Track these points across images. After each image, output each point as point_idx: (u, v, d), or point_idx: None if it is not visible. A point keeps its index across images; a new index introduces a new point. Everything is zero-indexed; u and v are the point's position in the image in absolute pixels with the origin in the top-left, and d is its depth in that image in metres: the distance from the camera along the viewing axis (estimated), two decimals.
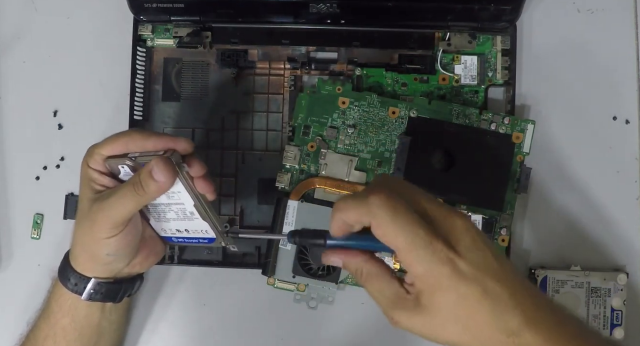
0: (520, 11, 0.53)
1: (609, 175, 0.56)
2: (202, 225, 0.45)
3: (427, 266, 0.35)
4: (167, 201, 0.45)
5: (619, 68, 0.57)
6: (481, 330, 0.36)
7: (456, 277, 0.35)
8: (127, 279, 0.49)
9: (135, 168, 0.44)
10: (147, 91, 0.56)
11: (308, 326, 0.55)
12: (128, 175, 0.45)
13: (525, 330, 0.35)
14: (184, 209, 0.45)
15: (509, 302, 0.35)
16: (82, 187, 0.46)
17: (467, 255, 0.36)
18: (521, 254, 0.55)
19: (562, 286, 0.54)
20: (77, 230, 0.46)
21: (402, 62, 0.55)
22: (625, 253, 0.55)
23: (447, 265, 0.35)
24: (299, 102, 0.54)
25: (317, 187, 0.53)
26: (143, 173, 0.42)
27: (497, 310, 0.35)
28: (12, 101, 0.58)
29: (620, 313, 0.54)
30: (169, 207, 0.45)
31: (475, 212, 0.52)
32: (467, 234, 0.36)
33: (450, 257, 0.35)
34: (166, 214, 0.46)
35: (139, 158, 0.44)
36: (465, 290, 0.35)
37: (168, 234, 0.48)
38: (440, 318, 0.36)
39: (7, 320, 0.56)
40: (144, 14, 0.55)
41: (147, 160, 0.43)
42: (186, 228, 0.47)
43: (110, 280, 0.47)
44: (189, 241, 0.48)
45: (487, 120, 0.53)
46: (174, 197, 0.44)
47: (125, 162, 0.44)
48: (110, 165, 0.45)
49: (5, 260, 0.56)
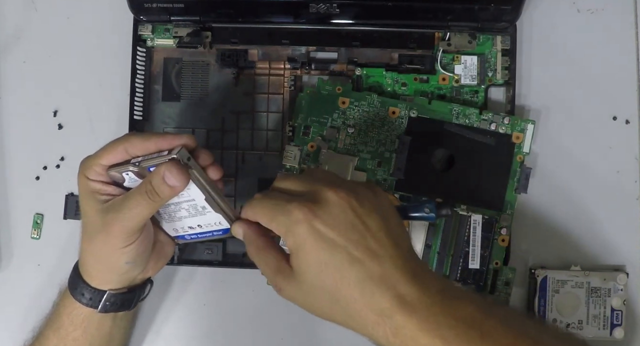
0: (520, 11, 0.53)
1: (609, 175, 0.56)
2: (215, 217, 0.45)
3: (287, 229, 0.37)
4: (177, 200, 0.44)
5: (619, 68, 0.57)
6: (351, 305, 0.36)
7: (315, 238, 0.36)
8: (139, 286, 0.49)
9: (141, 173, 0.43)
10: (147, 91, 0.56)
11: (308, 326, 0.55)
12: (134, 180, 0.44)
13: (399, 314, 0.34)
14: (195, 205, 0.44)
15: (380, 279, 0.35)
16: (85, 200, 0.45)
17: (327, 218, 0.36)
18: (521, 254, 0.55)
19: (562, 286, 0.54)
20: (89, 244, 0.45)
21: (402, 62, 0.55)
22: (625, 253, 0.55)
23: (304, 224, 0.36)
24: (299, 102, 0.54)
25: None
26: (155, 180, 0.42)
27: (366, 286, 0.35)
28: (12, 101, 0.58)
29: (620, 313, 0.54)
30: (179, 206, 0.45)
31: (475, 212, 0.52)
32: (337, 204, 0.37)
33: (306, 219, 0.36)
34: (177, 213, 0.46)
35: (144, 163, 0.43)
36: (327, 255, 0.36)
37: (180, 233, 0.48)
38: (308, 284, 0.37)
39: (7, 320, 0.56)
40: (144, 14, 0.55)
41: (153, 163, 0.42)
42: (199, 223, 0.46)
43: (124, 290, 0.47)
44: (203, 235, 0.47)
45: (487, 120, 0.53)
46: (184, 195, 0.44)
47: (129, 169, 0.43)
48: (112, 174, 0.44)
49: (5, 260, 0.56)
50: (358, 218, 0.37)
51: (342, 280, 0.36)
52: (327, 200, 0.37)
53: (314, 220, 0.36)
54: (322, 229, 0.36)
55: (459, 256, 0.52)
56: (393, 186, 0.53)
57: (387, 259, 0.36)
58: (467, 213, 0.52)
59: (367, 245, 0.36)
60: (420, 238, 0.52)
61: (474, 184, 0.53)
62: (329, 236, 0.36)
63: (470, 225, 0.52)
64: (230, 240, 0.55)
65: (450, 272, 0.52)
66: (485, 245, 0.52)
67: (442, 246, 0.52)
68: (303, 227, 0.36)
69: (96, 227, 0.44)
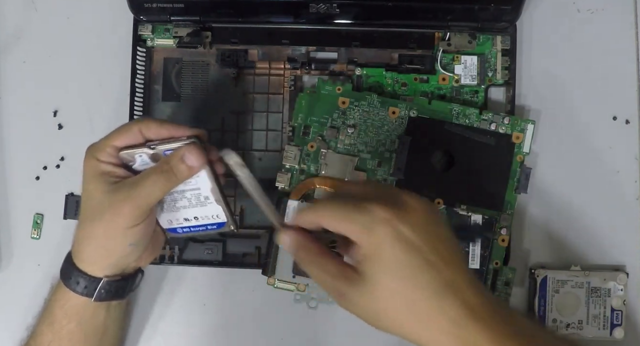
0: (520, 11, 0.53)
1: (609, 175, 0.56)
2: (215, 210, 0.46)
3: (365, 227, 0.36)
4: (183, 187, 0.46)
5: (619, 68, 0.57)
6: (424, 311, 0.35)
7: (395, 237, 0.35)
8: (132, 274, 0.49)
9: (155, 155, 0.45)
10: (147, 91, 0.56)
11: (308, 326, 0.55)
12: (145, 163, 0.45)
13: (470, 324, 0.35)
14: (198, 194, 0.46)
15: (452, 287, 0.35)
16: (92, 183, 0.45)
17: (408, 220, 0.36)
18: (521, 254, 0.55)
19: (562, 286, 0.54)
20: (91, 227, 0.45)
21: (402, 62, 0.55)
22: (625, 253, 0.55)
23: (386, 224, 0.35)
24: (299, 102, 0.54)
25: (317, 187, 0.53)
26: (174, 160, 0.43)
27: (439, 291, 0.35)
28: (12, 101, 0.58)
29: (620, 313, 0.54)
30: (183, 194, 0.46)
31: (475, 212, 0.52)
32: (418, 209, 0.36)
33: (389, 218, 0.35)
34: (177, 203, 0.47)
35: (160, 146, 0.44)
36: (406, 256, 0.35)
37: (173, 225, 0.48)
38: (382, 287, 0.36)
39: (7, 320, 0.56)
40: (144, 14, 0.55)
41: (170, 147, 0.44)
42: (196, 215, 0.47)
43: (118, 278, 0.47)
44: (196, 229, 0.48)
45: (487, 120, 0.53)
46: (191, 183, 0.45)
47: (145, 151, 0.45)
48: (123, 156, 0.45)
49: (5, 260, 0.56)
50: (434, 224, 0.37)
51: (417, 283, 0.35)
52: (408, 203, 0.37)
53: (396, 220, 0.36)
54: (403, 230, 0.36)
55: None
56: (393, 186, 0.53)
57: (457, 267, 0.36)
58: (467, 213, 0.52)
59: (441, 252, 0.36)
60: None
61: (474, 184, 0.53)
62: (410, 238, 0.36)
63: (470, 225, 0.52)
64: (230, 240, 0.55)
65: None
66: (485, 245, 0.52)
67: None
68: (385, 226, 0.35)
69: (102, 208, 0.44)
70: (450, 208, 0.52)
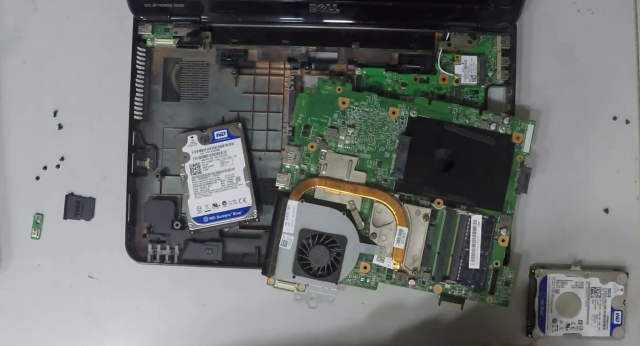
0: (520, 11, 0.53)
1: (609, 175, 0.56)
2: (243, 192, 0.53)
3: None
4: (220, 168, 0.53)
5: (619, 68, 0.57)
6: None
7: None
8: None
9: (205, 137, 0.53)
10: (147, 91, 0.56)
11: (308, 326, 0.55)
12: (194, 144, 0.53)
13: None
14: (231, 176, 0.52)
15: None
16: None
17: None
18: (521, 254, 0.55)
19: (562, 286, 0.54)
20: None
21: (402, 62, 0.55)
22: (625, 253, 0.55)
23: None
24: (299, 102, 0.54)
25: (317, 187, 0.53)
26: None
27: None
28: (12, 101, 0.58)
29: (620, 313, 0.54)
30: (218, 176, 0.52)
31: (475, 212, 0.52)
32: None
33: None
34: (210, 186, 0.52)
35: (209, 129, 0.54)
36: None
37: (202, 212, 0.52)
38: None
39: (7, 320, 0.56)
40: (144, 14, 0.55)
41: (217, 128, 0.54)
42: (225, 199, 0.52)
43: None
44: (222, 216, 0.53)
45: (487, 120, 0.53)
46: (228, 163, 0.53)
47: (196, 132, 0.54)
48: (180, 136, 0.54)
49: (5, 260, 0.56)
50: None
51: None
52: None
53: None
54: None
55: (459, 256, 0.52)
56: (393, 186, 0.53)
57: None
58: (467, 213, 0.52)
59: None
60: (420, 238, 0.52)
61: (474, 184, 0.53)
62: None
63: (470, 225, 0.52)
64: (230, 240, 0.55)
65: (450, 272, 0.52)
66: (485, 245, 0.52)
67: (442, 246, 0.52)
68: None
69: None
70: (450, 208, 0.52)
